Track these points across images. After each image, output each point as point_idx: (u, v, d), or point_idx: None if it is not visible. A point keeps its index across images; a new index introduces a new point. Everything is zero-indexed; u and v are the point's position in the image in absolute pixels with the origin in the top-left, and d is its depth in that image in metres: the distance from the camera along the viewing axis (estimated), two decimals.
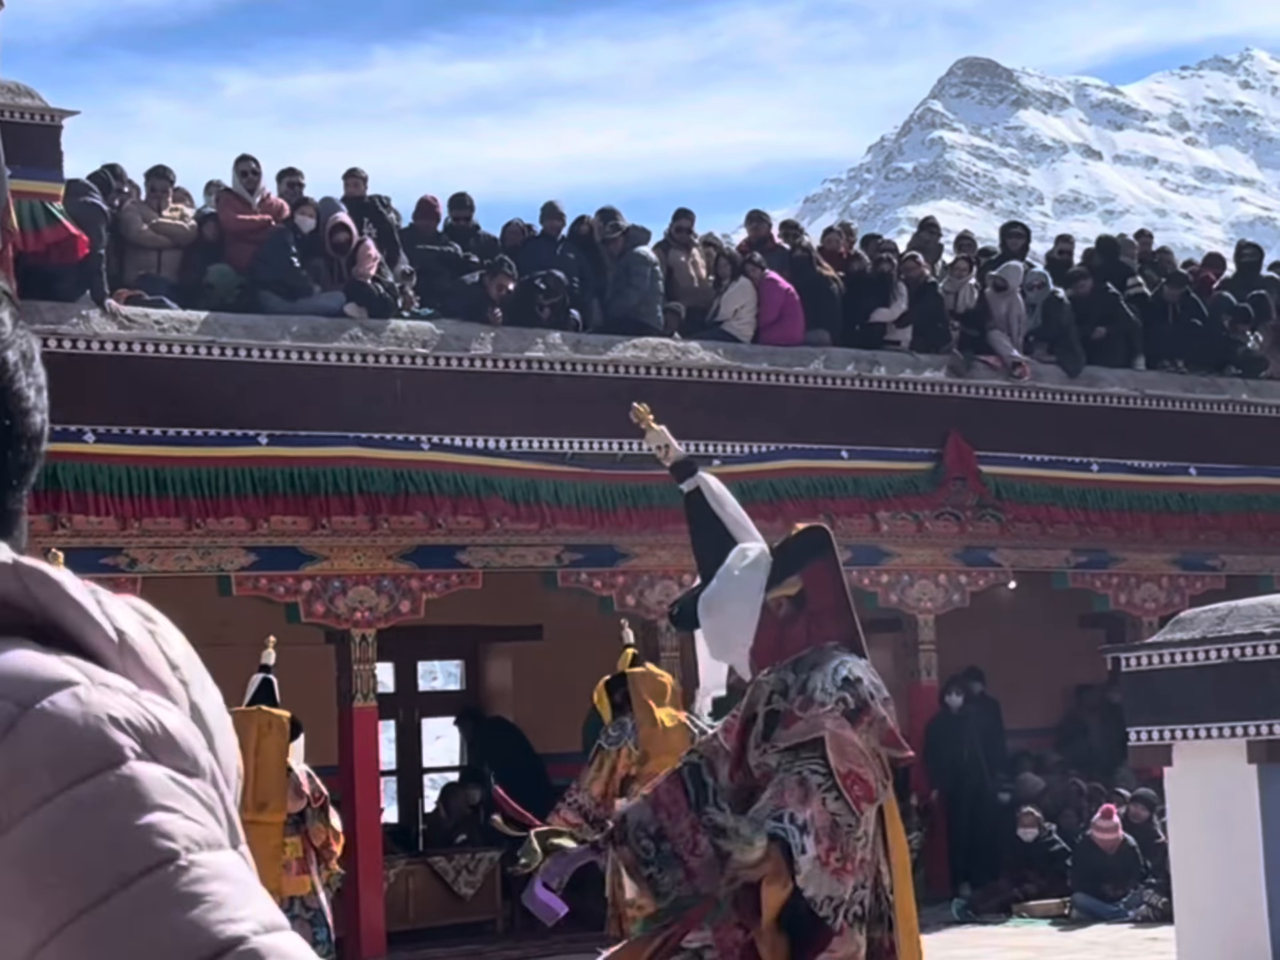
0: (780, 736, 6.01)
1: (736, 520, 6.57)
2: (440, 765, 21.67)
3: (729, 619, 6.33)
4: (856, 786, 5.90)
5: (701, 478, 6.71)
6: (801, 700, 6.02)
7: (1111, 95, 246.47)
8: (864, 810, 5.88)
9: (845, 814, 5.85)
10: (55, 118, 13.87)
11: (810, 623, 6.28)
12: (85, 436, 13.71)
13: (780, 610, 6.31)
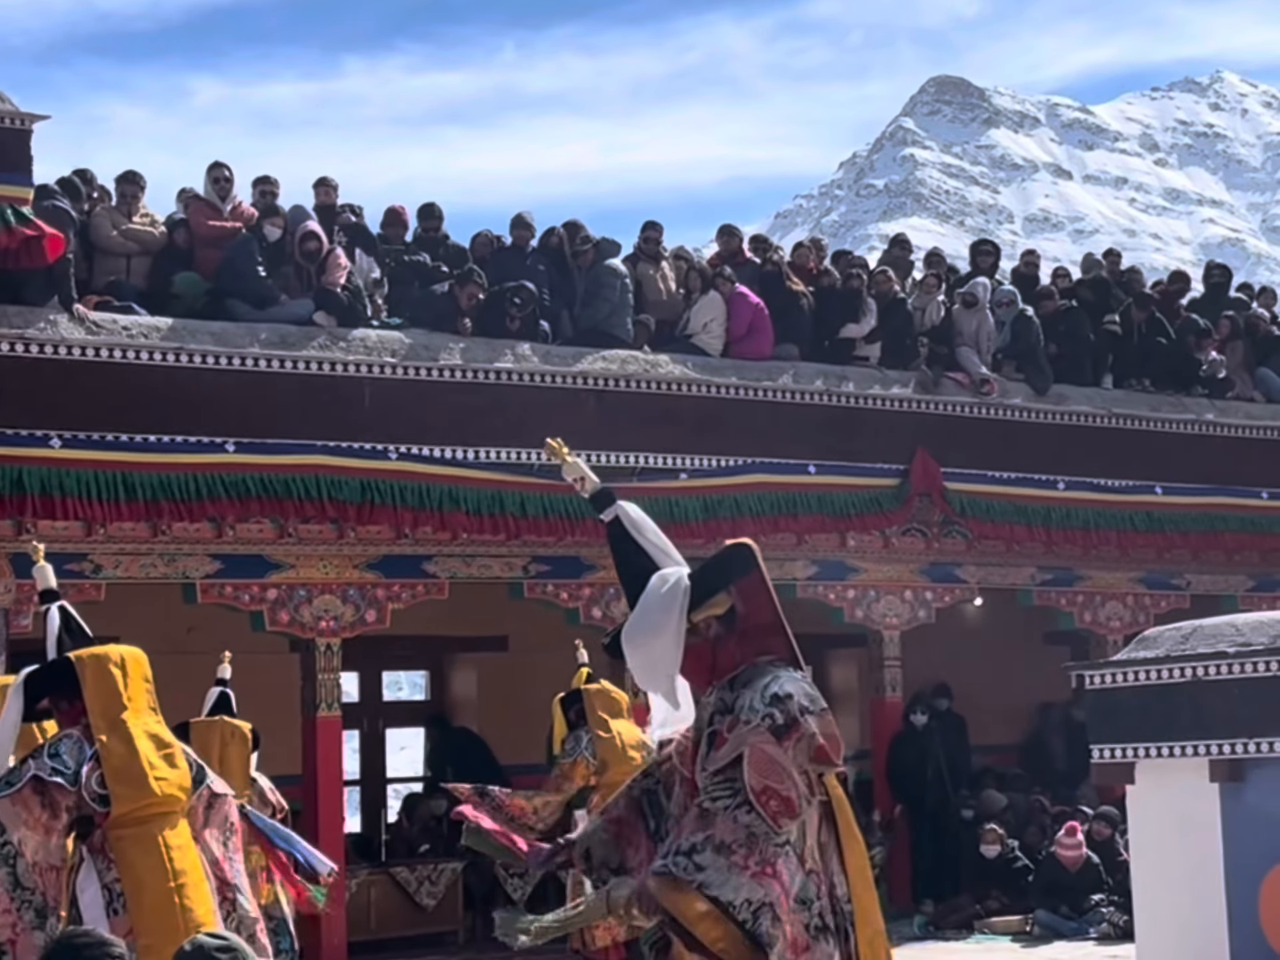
0: (710, 759, 5.99)
1: (658, 546, 6.53)
2: (404, 775, 21.63)
3: (652, 649, 6.25)
4: (773, 802, 5.83)
5: (620, 506, 6.65)
6: (729, 720, 5.99)
7: (1082, 115, 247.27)
8: (782, 825, 5.82)
9: (760, 824, 5.79)
10: (25, 122, 13.81)
11: (742, 640, 6.24)
12: (51, 441, 13.66)
13: (710, 630, 6.25)
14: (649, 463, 16.12)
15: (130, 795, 6.87)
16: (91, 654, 7.17)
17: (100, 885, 6.85)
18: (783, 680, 6.04)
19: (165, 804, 6.94)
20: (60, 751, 6.96)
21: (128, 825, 6.87)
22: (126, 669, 7.14)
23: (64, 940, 5.25)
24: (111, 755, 6.91)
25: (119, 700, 7.04)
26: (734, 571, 6.36)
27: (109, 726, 6.97)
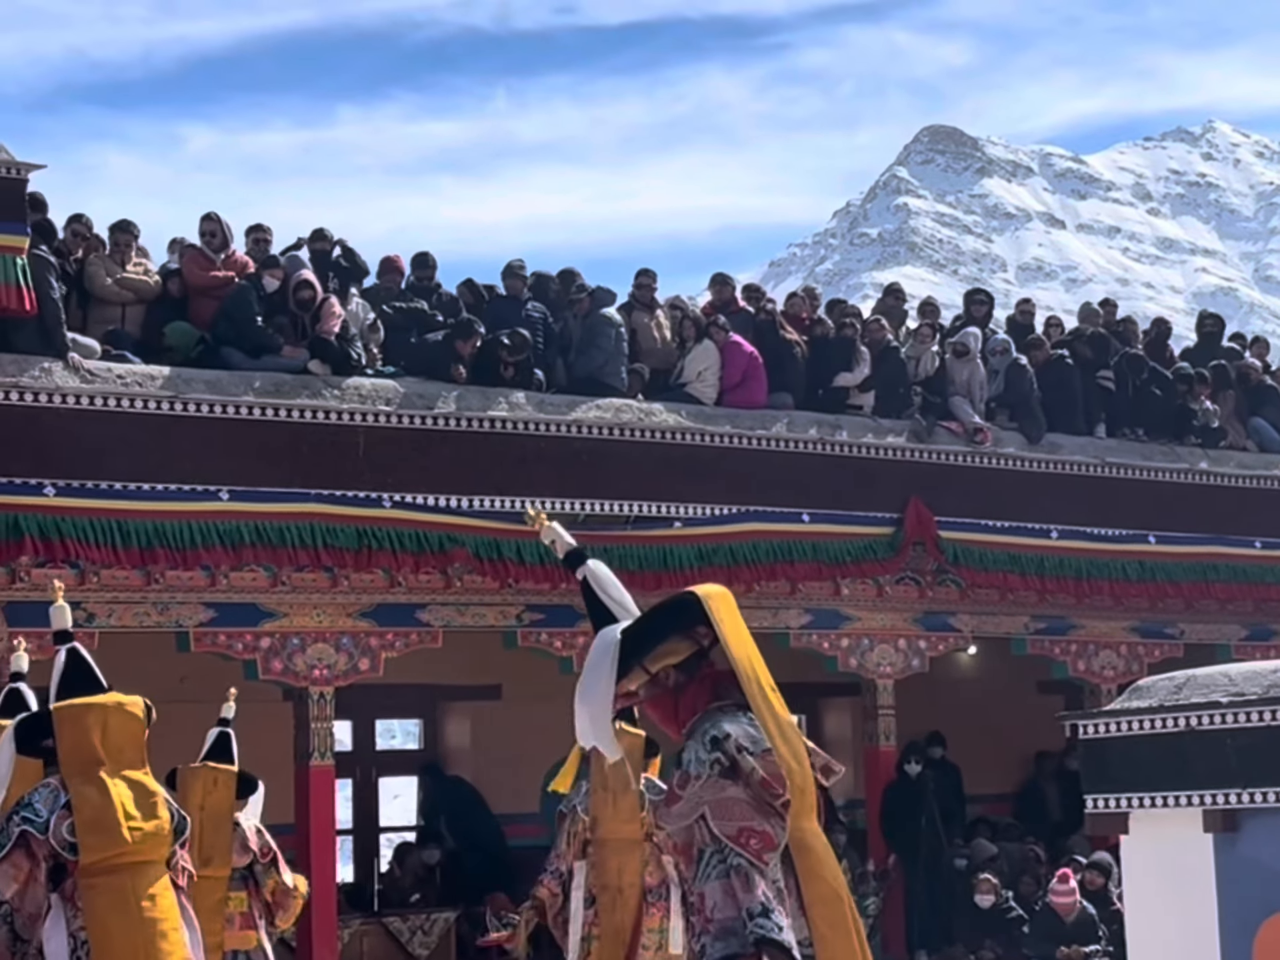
0: (665, 815, 6.14)
1: (618, 602, 6.68)
2: (397, 825, 21.55)
3: (587, 705, 6.42)
4: (754, 840, 5.99)
5: (587, 566, 6.84)
6: (679, 776, 6.12)
7: (1075, 165, 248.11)
8: (767, 860, 5.96)
9: (749, 867, 5.95)
10: (21, 171, 13.85)
11: (704, 688, 6.34)
12: (45, 489, 13.66)
13: (669, 679, 6.37)
14: (643, 511, 16.13)
15: (100, 844, 6.86)
16: (70, 705, 7.18)
17: (67, 934, 6.84)
18: (720, 723, 6.17)
19: (138, 853, 6.91)
20: (34, 801, 6.98)
21: (98, 874, 6.84)
22: (109, 721, 7.13)
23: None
24: (84, 804, 6.92)
25: (93, 752, 7.04)
26: (679, 622, 6.42)
27: (81, 776, 6.98)
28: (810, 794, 6.21)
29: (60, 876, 6.90)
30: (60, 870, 6.90)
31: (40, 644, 13.72)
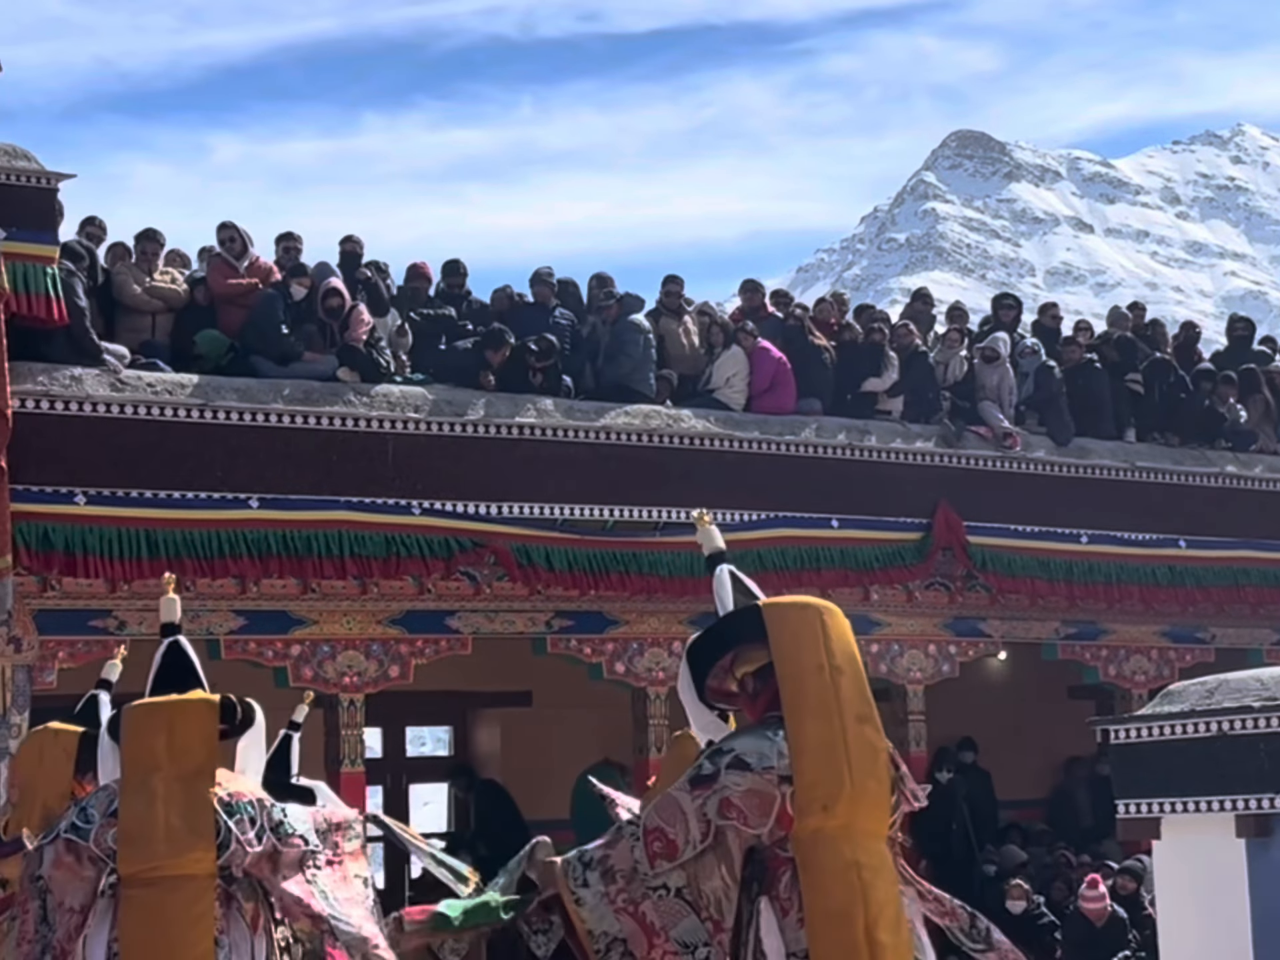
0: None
1: (724, 606, 6.68)
2: (428, 831, 21.57)
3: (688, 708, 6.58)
4: (656, 843, 6.11)
5: (717, 571, 6.78)
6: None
7: (1103, 169, 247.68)
8: (656, 865, 6.08)
9: (644, 864, 6.11)
10: (51, 180, 13.91)
11: (767, 696, 6.38)
12: (76, 498, 13.71)
13: (749, 687, 6.45)
14: (671, 517, 16.12)
15: (135, 856, 6.79)
16: (137, 706, 7.17)
17: (106, 941, 6.85)
18: (743, 737, 6.26)
19: (178, 868, 6.85)
20: (88, 805, 7.00)
21: (135, 885, 6.79)
22: (176, 721, 7.08)
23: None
24: (127, 814, 6.86)
25: (152, 757, 6.99)
26: (743, 632, 6.46)
27: (135, 783, 6.94)
28: (853, 814, 6.21)
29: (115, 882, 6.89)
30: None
31: (70, 652, 13.83)
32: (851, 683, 6.35)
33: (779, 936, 6.09)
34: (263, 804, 7.11)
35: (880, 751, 6.32)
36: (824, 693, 6.28)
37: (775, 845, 6.15)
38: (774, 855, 6.16)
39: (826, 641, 6.43)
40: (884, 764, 6.33)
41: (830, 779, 6.15)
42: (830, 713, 6.25)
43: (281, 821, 7.09)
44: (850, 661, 6.41)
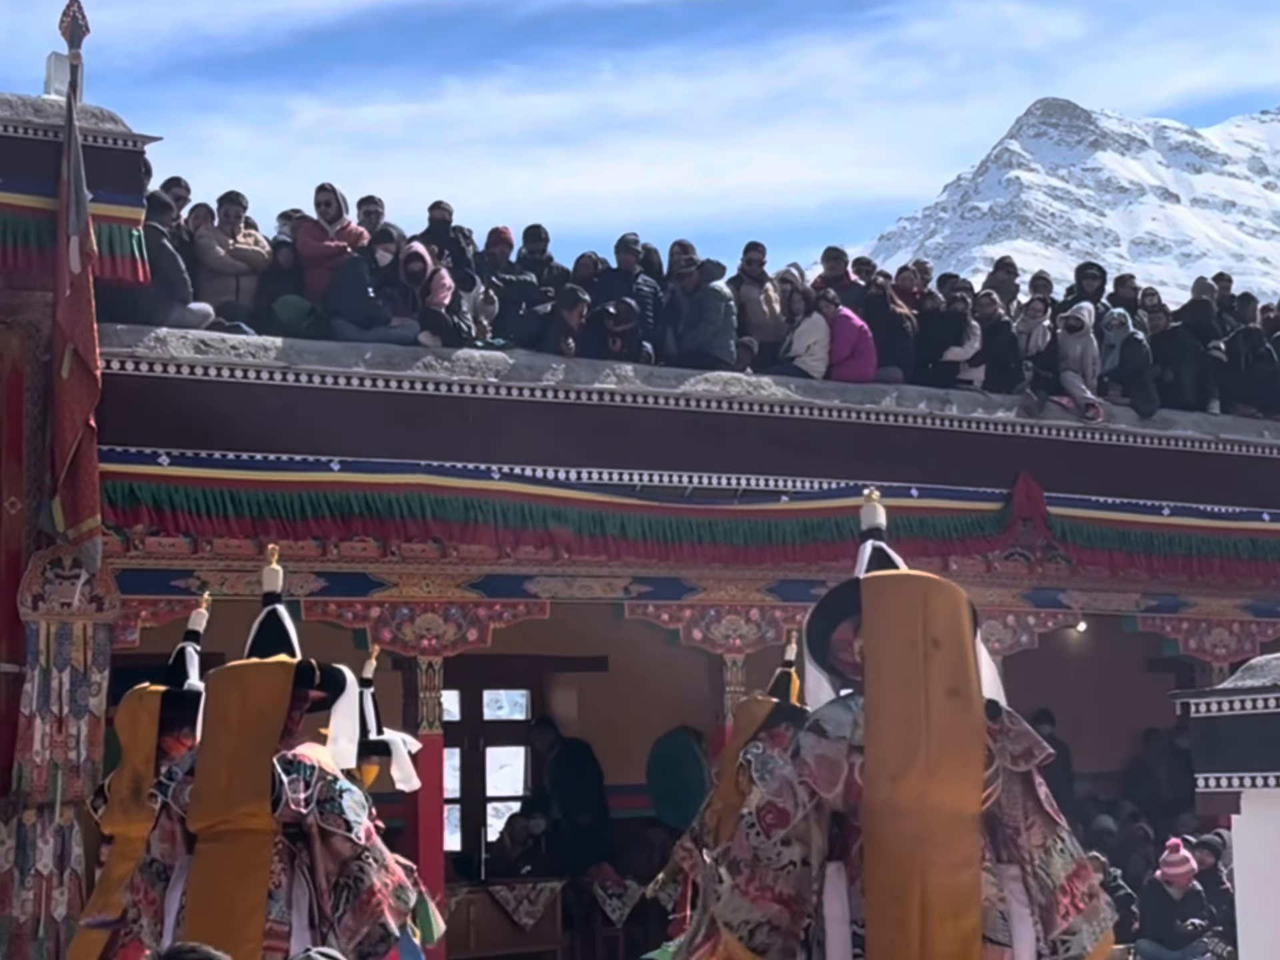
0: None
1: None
2: (504, 794, 21.69)
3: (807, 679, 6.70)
4: (769, 815, 6.22)
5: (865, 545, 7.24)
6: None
7: (1190, 138, 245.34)
8: (772, 836, 6.17)
9: (765, 846, 6.18)
10: (137, 143, 13.99)
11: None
12: (160, 459, 13.83)
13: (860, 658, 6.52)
14: (750, 485, 16.12)
15: (202, 812, 7.02)
16: (219, 670, 7.34)
17: (180, 894, 7.05)
18: (829, 706, 6.41)
19: (239, 822, 7.03)
20: (175, 765, 7.22)
21: (206, 840, 7.01)
22: (249, 683, 7.25)
23: (171, 955, 5.29)
24: (200, 771, 7.06)
25: (225, 718, 7.16)
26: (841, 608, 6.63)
27: (210, 742, 7.10)
28: (926, 789, 6.22)
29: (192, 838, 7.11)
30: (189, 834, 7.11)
31: (154, 611, 13.95)
32: (949, 657, 6.34)
33: (843, 902, 6.15)
34: (324, 775, 7.24)
35: (971, 726, 6.28)
36: (911, 666, 6.29)
37: (850, 814, 6.19)
38: (848, 823, 6.21)
39: (926, 614, 6.43)
40: (974, 739, 6.28)
41: (901, 751, 6.15)
42: (915, 685, 6.26)
43: (332, 799, 7.23)
44: (952, 635, 6.39)
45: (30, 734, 13.14)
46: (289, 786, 7.16)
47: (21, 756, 13.12)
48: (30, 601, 13.34)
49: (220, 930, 6.84)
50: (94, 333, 13.14)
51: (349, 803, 7.31)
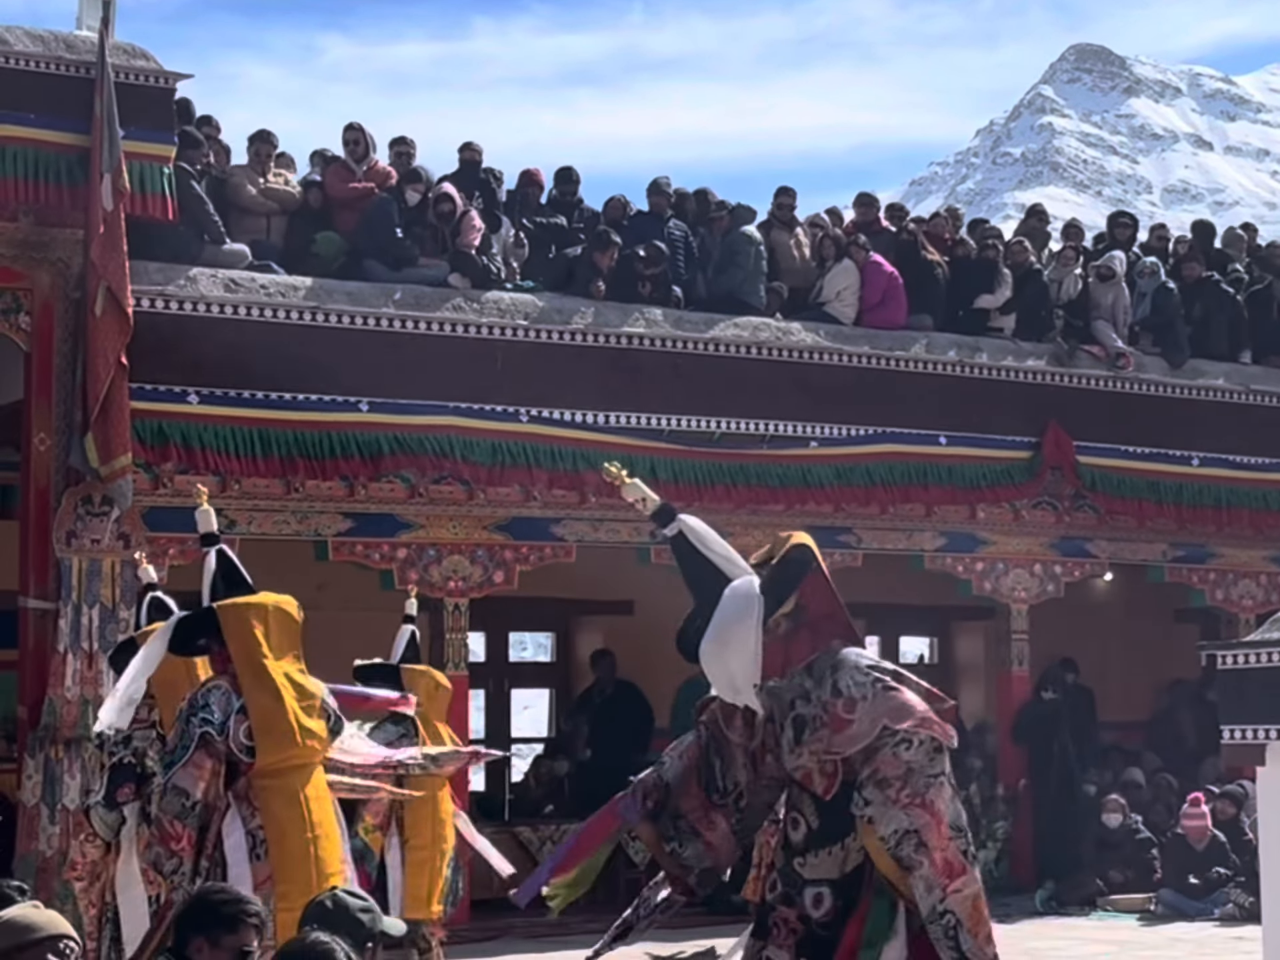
0: (835, 742, 6.31)
1: (724, 556, 6.73)
2: (528, 736, 21.77)
3: (729, 663, 6.51)
4: (936, 727, 6.29)
5: (682, 521, 6.84)
6: (843, 703, 6.32)
7: (1225, 85, 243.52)
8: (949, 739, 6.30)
9: (922, 758, 6.23)
10: (169, 80, 13.97)
11: (811, 632, 6.52)
12: (189, 397, 13.85)
13: (780, 629, 6.51)
14: (779, 431, 16.10)
15: (275, 747, 7.10)
16: (234, 604, 7.35)
17: (245, 831, 7.12)
18: (864, 655, 6.48)
19: (306, 755, 7.13)
20: (210, 703, 7.20)
21: (270, 776, 7.11)
22: (269, 620, 7.32)
23: (202, 896, 5.33)
24: (257, 709, 7.13)
25: (259, 650, 7.22)
26: (800, 572, 6.59)
27: (254, 678, 7.16)
28: None
29: (233, 777, 7.14)
30: (233, 770, 7.14)
31: (182, 549, 13.99)
32: None
33: None
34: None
35: None
36: None
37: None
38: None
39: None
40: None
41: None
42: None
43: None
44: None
45: (62, 670, 13.21)
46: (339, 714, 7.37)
47: (53, 692, 13.19)
48: (64, 538, 13.39)
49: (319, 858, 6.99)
50: (126, 270, 13.15)
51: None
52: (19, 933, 4.93)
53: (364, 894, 5.58)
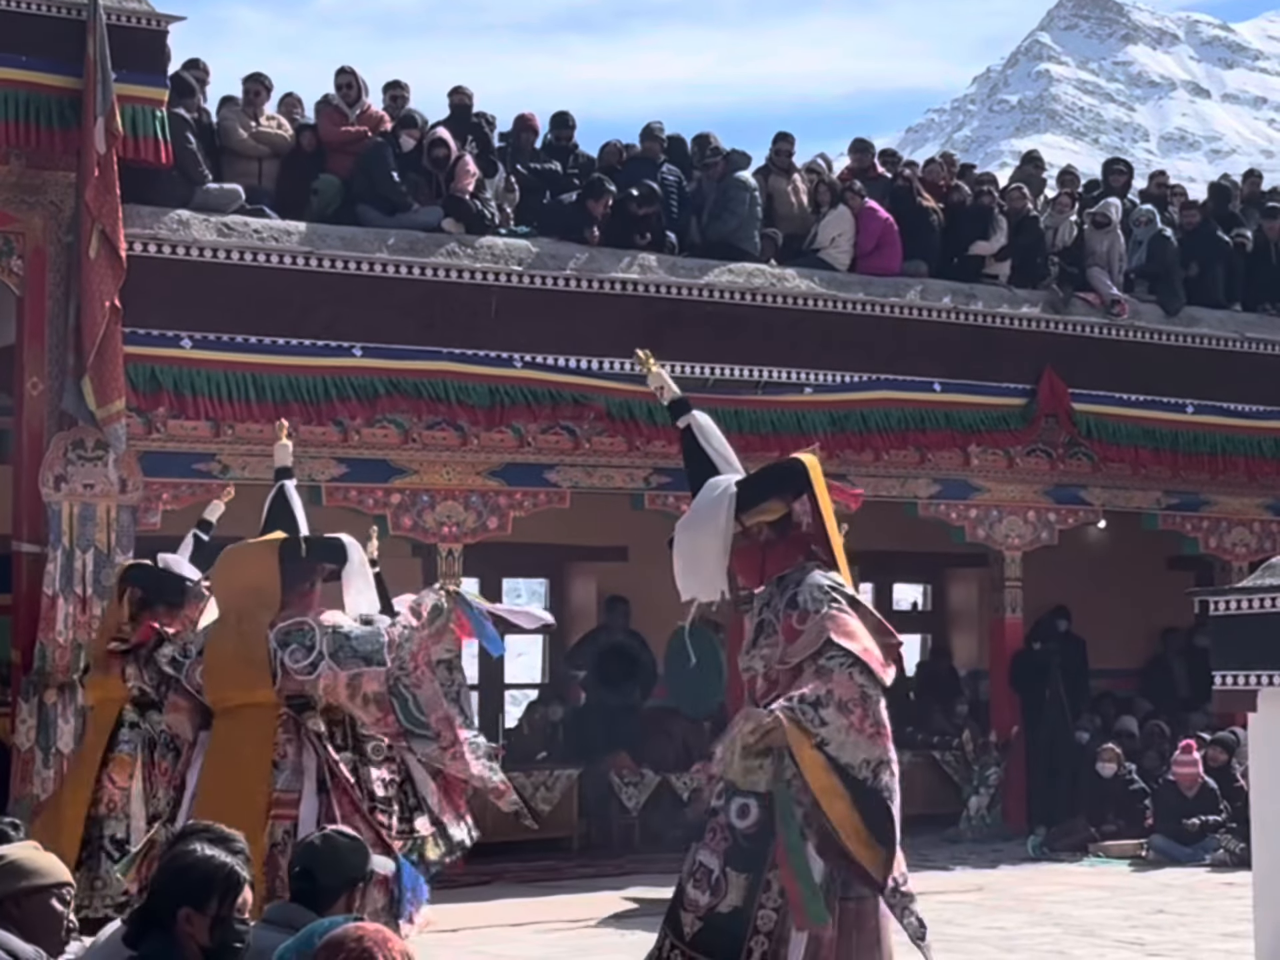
0: (788, 652, 6.42)
1: (721, 455, 6.92)
2: (521, 682, 21.79)
3: (695, 548, 6.66)
4: (874, 661, 6.34)
5: (693, 415, 7.08)
6: (797, 615, 6.44)
7: (1223, 33, 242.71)
8: (885, 677, 6.33)
9: (871, 685, 6.29)
10: (161, 23, 13.90)
11: (790, 546, 6.67)
12: (182, 342, 13.82)
13: (761, 535, 6.68)
14: (773, 377, 16.09)
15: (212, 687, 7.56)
16: (228, 550, 7.61)
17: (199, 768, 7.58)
18: (829, 575, 6.56)
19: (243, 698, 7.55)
20: (188, 642, 7.47)
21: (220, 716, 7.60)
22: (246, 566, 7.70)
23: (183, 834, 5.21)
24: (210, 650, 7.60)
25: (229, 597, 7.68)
26: (785, 485, 6.74)
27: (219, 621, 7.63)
28: None
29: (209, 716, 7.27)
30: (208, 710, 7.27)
31: (175, 494, 13.99)
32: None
33: None
34: (325, 629, 7.42)
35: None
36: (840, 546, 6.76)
37: None
38: None
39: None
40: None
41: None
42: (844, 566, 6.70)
43: (342, 646, 7.41)
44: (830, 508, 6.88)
45: (53, 614, 13.20)
46: (289, 656, 7.32)
47: (44, 636, 13.19)
48: (52, 482, 13.35)
49: (229, 801, 6.99)
50: (119, 213, 13.10)
51: (360, 637, 7.51)
52: (27, 876, 4.92)
53: (354, 833, 5.58)
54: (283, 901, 5.26)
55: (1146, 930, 12.02)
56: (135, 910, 4.86)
